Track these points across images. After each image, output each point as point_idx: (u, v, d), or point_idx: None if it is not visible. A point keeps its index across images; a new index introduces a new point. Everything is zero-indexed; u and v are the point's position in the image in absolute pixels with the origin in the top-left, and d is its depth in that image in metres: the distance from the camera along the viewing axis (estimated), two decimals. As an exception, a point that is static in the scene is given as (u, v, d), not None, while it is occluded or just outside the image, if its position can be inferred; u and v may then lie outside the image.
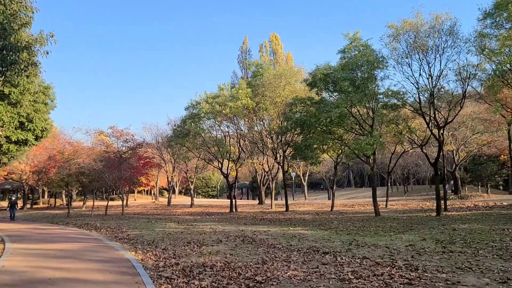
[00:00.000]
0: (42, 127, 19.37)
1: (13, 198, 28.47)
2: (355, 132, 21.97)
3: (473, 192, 40.60)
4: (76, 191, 56.12)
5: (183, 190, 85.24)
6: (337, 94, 21.48)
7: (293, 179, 55.33)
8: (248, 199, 73.54)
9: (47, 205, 53.54)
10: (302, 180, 55.66)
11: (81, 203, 49.36)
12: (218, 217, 26.77)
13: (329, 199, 67.77)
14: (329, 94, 21.97)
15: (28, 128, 18.82)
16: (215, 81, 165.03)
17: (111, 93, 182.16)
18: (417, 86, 19.34)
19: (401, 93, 21.30)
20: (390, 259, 9.99)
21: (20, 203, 52.74)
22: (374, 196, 21.77)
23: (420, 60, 19.49)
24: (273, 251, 11.79)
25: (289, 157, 29.47)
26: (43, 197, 61.30)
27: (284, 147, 28.68)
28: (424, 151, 21.97)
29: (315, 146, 20.44)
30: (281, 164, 29.63)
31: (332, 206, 27.43)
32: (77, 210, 41.64)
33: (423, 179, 74.14)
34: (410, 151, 31.25)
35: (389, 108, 21.87)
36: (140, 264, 10.42)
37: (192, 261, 10.63)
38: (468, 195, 32.79)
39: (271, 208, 32.42)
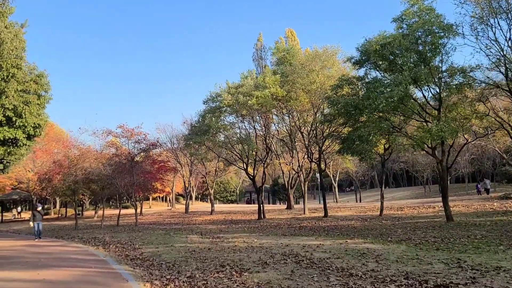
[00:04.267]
0: (34, 123, 15.76)
1: (39, 209, 21.61)
2: (417, 119, 17.93)
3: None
4: (89, 199, 52.96)
5: (200, 196, 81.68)
6: (389, 74, 17.47)
7: (319, 180, 51.14)
8: (269, 203, 69.50)
9: (57, 215, 50.46)
10: (333, 181, 51.39)
11: (93, 212, 46.08)
12: (246, 226, 22.90)
13: (357, 201, 63.45)
14: (381, 74, 17.96)
15: (17, 124, 15.28)
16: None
17: (119, 98, 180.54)
18: (502, 54, 15.20)
19: (469, 69, 17.20)
20: None
21: (27, 215, 49.68)
22: (444, 196, 17.61)
23: (500, 27, 15.38)
24: (354, 283, 7.88)
25: (330, 154, 25.70)
26: (54, 206, 58.31)
27: (320, 141, 24.70)
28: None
29: (370, 137, 16.41)
30: (318, 162, 25.62)
31: (382, 210, 23.33)
32: (87, 221, 38.32)
33: (458, 177, 69.18)
34: (472, 142, 26.89)
35: (455, 89, 17.73)
36: (159, 313, 6.66)
37: (237, 304, 6.83)
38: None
39: (304, 213, 28.43)
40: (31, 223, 21.33)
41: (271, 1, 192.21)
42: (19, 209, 56.59)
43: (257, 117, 27.48)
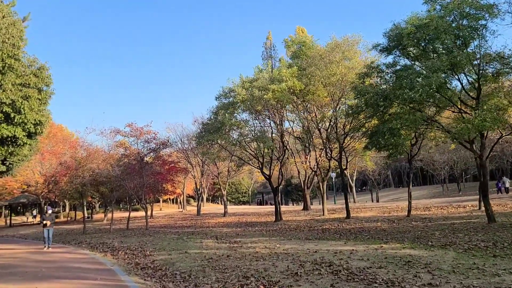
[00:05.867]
0: (35, 119, 14.44)
1: (49, 212, 18.40)
2: (452, 110, 16.33)
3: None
4: (99, 202, 51.87)
5: (210, 197, 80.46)
6: (421, 61, 15.87)
7: (334, 180, 49.60)
8: (281, 204, 67.93)
9: (67, 218, 49.52)
10: (350, 181, 49.62)
11: (103, 215, 44.98)
12: (264, 229, 21.45)
13: (373, 201, 61.53)
14: (410, 62, 16.34)
15: (16, 121, 14.00)
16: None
17: (123, 102, 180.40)
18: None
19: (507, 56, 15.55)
20: None
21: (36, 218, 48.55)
22: (485, 195, 15.91)
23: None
24: (414, 302, 6.40)
25: (352, 151, 24.22)
26: (64, 210, 57.39)
27: (341, 138, 23.14)
28: None
29: (402, 130, 14.81)
30: (338, 160, 24.04)
31: (409, 210, 21.66)
32: (97, 224, 37.20)
33: (476, 175, 66.82)
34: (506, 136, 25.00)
35: (492, 77, 16.10)
36: None
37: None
38: None
39: (324, 214, 26.86)
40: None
41: (272, 2, 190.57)
42: (34, 212, 55.02)
43: (272, 113, 25.97)
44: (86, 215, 47.76)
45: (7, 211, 46.81)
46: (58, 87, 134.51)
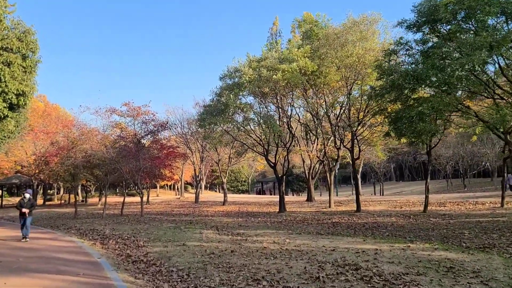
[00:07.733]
0: (17, 89, 12.75)
1: (27, 197, 14.94)
2: (485, 95, 14.65)
3: None
4: (94, 185, 50.30)
5: (208, 185, 78.96)
6: (450, 42, 14.13)
7: (336, 171, 47.92)
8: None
9: (60, 201, 47.99)
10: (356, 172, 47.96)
11: (98, 199, 43.43)
12: (268, 220, 19.90)
13: (375, 194, 60.10)
14: (441, 41, 14.58)
15: (-5, 90, 12.30)
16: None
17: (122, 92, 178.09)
18: None
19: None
20: None
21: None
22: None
23: None
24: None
25: (369, 139, 22.64)
26: (58, 192, 55.81)
27: (353, 124, 21.47)
28: None
29: (432, 115, 13.16)
30: (351, 149, 22.39)
31: (426, 206, 20.17)
32: (91, 208, 35.67)
33: (480, 171, 65.76)
34: None
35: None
36: None
37: None
38: None
39: (330, 206, 25.33)
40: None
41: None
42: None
43: (280, 97, 24.23)
44: (80, 198, 46.37)
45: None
46: (66, 77, 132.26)
